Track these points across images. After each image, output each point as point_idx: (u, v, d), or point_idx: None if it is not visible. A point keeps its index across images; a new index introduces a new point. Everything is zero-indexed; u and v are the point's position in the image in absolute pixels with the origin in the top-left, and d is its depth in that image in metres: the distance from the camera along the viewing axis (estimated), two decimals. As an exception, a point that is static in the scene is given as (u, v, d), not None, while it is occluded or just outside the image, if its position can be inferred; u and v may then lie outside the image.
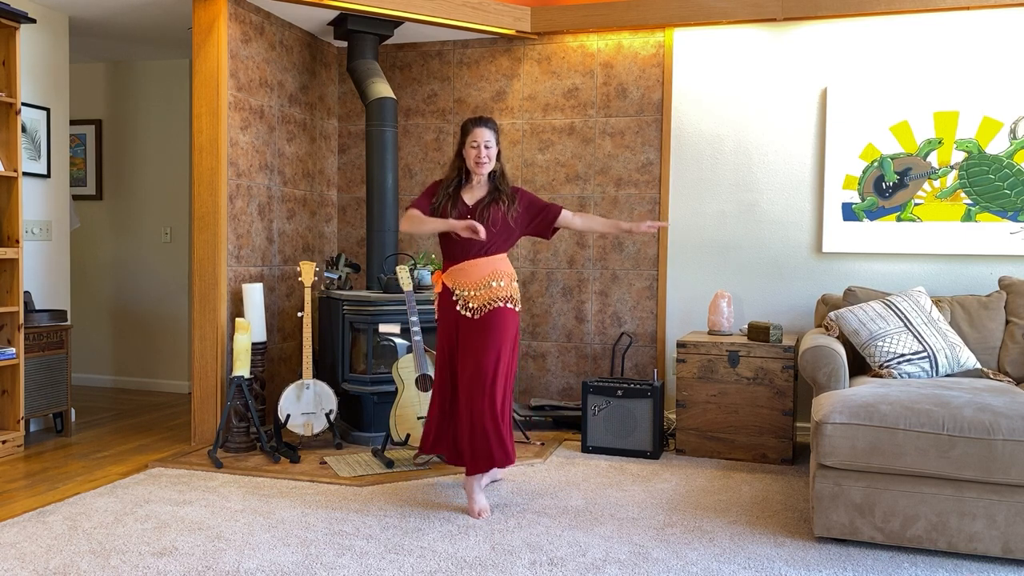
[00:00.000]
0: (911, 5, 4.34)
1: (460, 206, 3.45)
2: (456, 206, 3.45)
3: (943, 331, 3.74)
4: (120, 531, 3.10)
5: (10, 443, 4.24)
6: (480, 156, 3.41)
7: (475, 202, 3.46)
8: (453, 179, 3.49)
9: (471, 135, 3.43)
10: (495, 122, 3.48)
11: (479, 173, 3.45)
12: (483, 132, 3.42)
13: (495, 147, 3.44)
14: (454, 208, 3.44)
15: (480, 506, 3.35)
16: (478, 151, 3.41)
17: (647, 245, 4.92)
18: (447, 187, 3.49)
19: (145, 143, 6.06)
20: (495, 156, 3.45)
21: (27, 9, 4.52)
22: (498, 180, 3.49)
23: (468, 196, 3.48)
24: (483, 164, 3.42)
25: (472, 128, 3.43)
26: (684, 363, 4.32)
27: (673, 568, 2.82)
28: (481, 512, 3.33)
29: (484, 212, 3.43)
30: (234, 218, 4.50)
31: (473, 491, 3.39)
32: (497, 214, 3.43)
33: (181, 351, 6.03)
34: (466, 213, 3.44)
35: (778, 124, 4.69)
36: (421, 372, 4.06)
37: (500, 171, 3.50)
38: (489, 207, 3.44)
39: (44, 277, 4.79)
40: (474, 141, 3.41)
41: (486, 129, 3.42)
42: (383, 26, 4.82)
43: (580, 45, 5.00)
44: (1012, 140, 4.29)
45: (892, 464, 2.94)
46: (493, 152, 3.43)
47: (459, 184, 3.49)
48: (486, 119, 3.46)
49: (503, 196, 3.46)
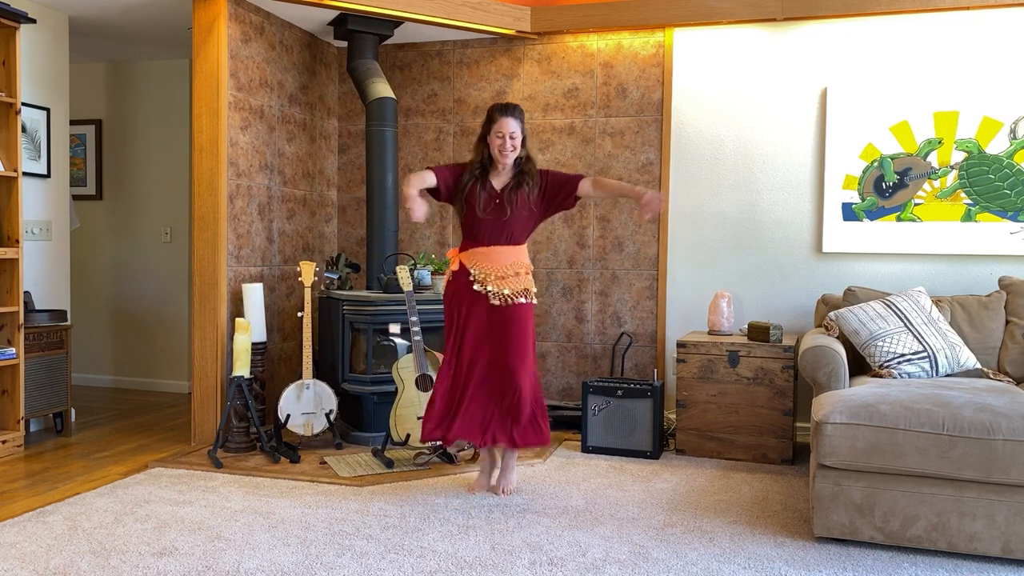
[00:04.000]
0: (911, 5, 4.34)
1: (489, 189, 3.49)
2: (485, 188, 3.49)
3: (943, 331, 3.74)
4: (120, 531, 3.10)
5: (10, 443, 4.24)
6: (505, 147, 3.44)
7: (503, 187, 3.51)
8: (478, 164, 3.52)
9: (497, 124, 3.44)
10: (521, 109, 3.50)
11: (504, 163, 3.48)
12: (509, 123, 3.44)
13: (520, 136, 3.47)
14: (483, 191, 3.49)
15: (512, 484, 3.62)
16: (503, 141, 3.44)
17: (647, 245, 4.92)
18: (473, 169, 3.52)
19: (145, 143, 6.06)
20: (520, 144, 3.48)
21: (27, 9, 4.52)
22: (524, 165, 3.53)
23: (496, 180, 3.52)
24: (507, 154, 3.45)
25: (499, 117, 3.45)
26: (684, 363, 4.31)
27: (673, 568, 2.82)
28: (507, 489, 3.58)
29: (511, 196, 3.48)
30: (234, 218, 4.50)
31: (509, 468, 3.63)
32: (523, 199, 3.49)
33: (181, 351, 6.03)
34: (495, 197, 3.49)
35: (778, 124, 4.69)
36: (421, 372, 4.06)
37: (525, 156, 3.54)
38: (515, 192, 3.49)
39: (44, 277, 4.79)
40: (500, 131, 3.44)
41: (512, 119, 3.44)
42: (383, 26, 4.82)
43: (580, 45, 5.00)
44: (1012, 140, 4.29)
45: (892, 464, 2.94)
46: (518, 141, 3.47)
47: (485, 168, 3.53)
48: (512, 107, 3.47)
49: (527, 180, 3.50)
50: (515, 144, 3.45)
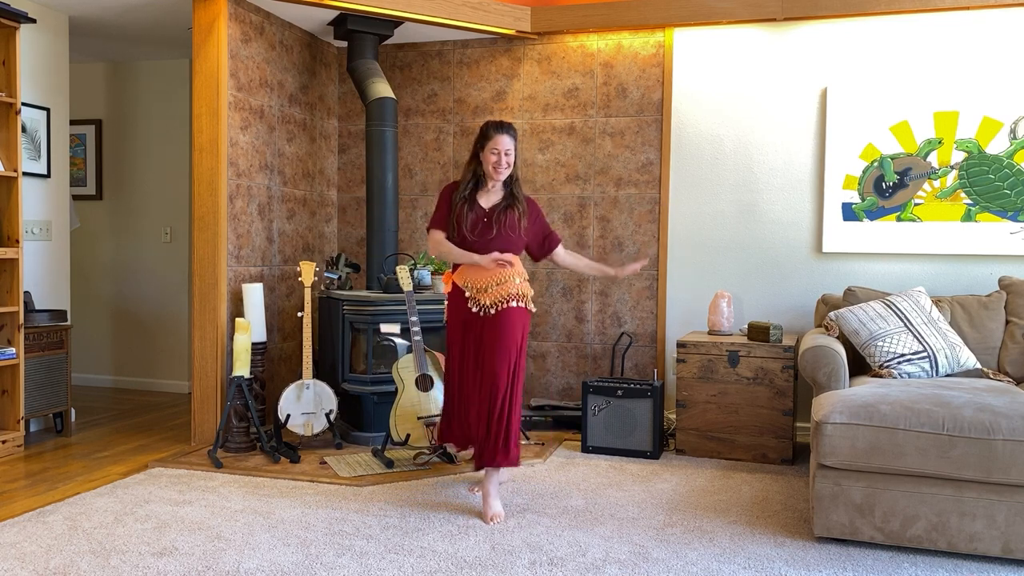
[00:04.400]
0: (911, 5, 4.34)
1: (477, 209, 3.47)
2: (472, 209, 3.47)
3: (943, 331, 3.74)
4: (120, 531, 3.10)
5: (10, 443, 4.24)
6: (500, 164, 3.42)
7: (491, 206, 3.49)
8: (469, 181, 3.50)
9: (492, 141, 3.42)
10: (515, 128, 3.50)
11: (496, 179, 3.47)
12: (505, 140, 3.42)
13: (514, 154, 3.46)
14: (470, 211, 3.46)
15: (494, 511, 3.29)
16: (498, 159, 3.42)
17: (647, 245, 4.92)
18: (463, 189, 3.50)
19: (145, 143, 6.06)
20: (513, 163, 3.47)
21: (27, 9, 4.52)
22: (514, 186, 3.52)
23: (484, 200, 3.50)
24: (501, 171, 3.44)
25: (494, 135, 3.42)
26: (684, 363, 4.31)
27: (673, 568, 2.82)
28: (494, 517, 3.27)
29: (500, 217, 3.46)
30: (234, 218, 4.50)
31: (489, 494, 3.34)
32: (513, 219, 3.47)
33: (181, 351, 6.03)
34: (482, 217, 3.46)
35: (778, 124, 4.69)
36: (421, 372, 4.07)
37: (515, 177, 3.52)
38: (505, 212, 3.47)
39: (44, 277, 4.79)
40: (495, 149, 3.42)
41: (507, 137, 3.43)
42: (383, 26, 4.82)
43: (580, 45, 5.00)
44: (1012, 140, 4.29)
45: (892, 464, 2.94)
46: (512, 159, 3.46)
47: (475, 186, 3.51)
48: (507, 125, 3.45)
49: (518, 203, 3.49)
50: (509, 162, 3.44)
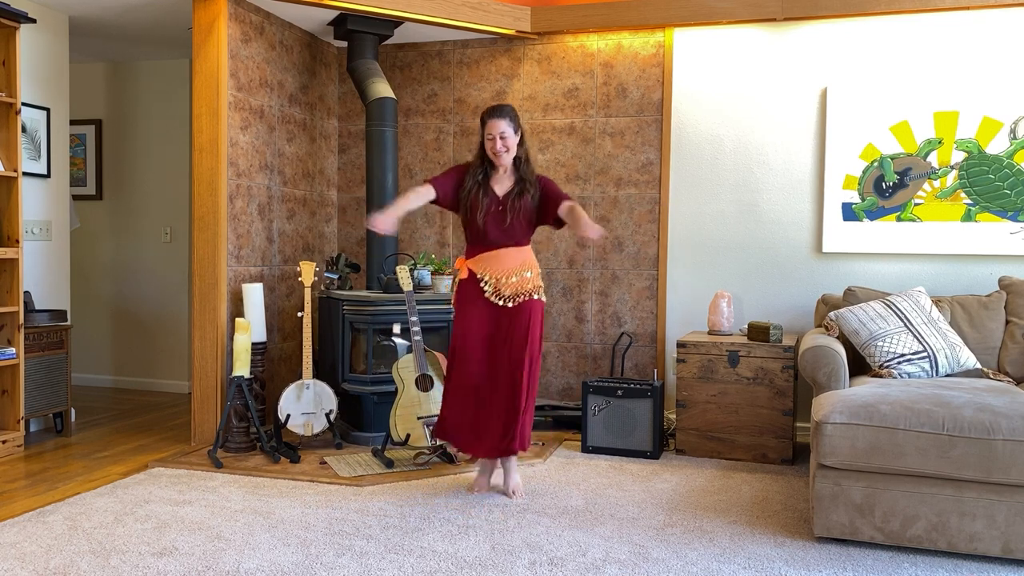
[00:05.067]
0: (911, 5, 4.34)
1: (491, 195, 3.50)
2: (487, 194, 3.50)
3: (943, 331, 3.74)
4: (120, 531, 3.10)
5: (10, 443, 4.24)
6: (496, 147, 3.45)
7: (505, 193, 3.52)
8: (479, 167, 3.53)
9: (486, 127, 3.48)
10: (512, 109, 3.51)
11: (499, 163, 3.50)
12: (498, 124, 3.44)
13: (512, 136, 3.47)
14: (485, 197, 3.50)
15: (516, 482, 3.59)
16: (494, 142, 3.46)
17: (647, 245, 4.92)
18: (475, 175, 3.53)
19: (145, 143, 6.06)
20: (514, 145, 3.48)
21: (27, 9, 4.52)
22: (522, 168, 3.54)
23: (498, 186, 3.53)
24: (500, 154, 3.47)
25: (487, 120, 3.48)
26: (684, 363, 4.31)
27: (673, 568, 2.82)
28: (516, 489, 3.56)
29: (515, 203, 3.49)
30: (234, 218, 4.50)
31: (510, 470, 3.60)
32: (526, 204, 3.50)
33: (181, 351, 6.03)
34: (498, 203, 3.49)
35: (778, 124, 4.69)
36: (421, 372, 4.07)
37: (524, 157, 3.54)
38: (519, 197, 3.50)
39: (44, 277, 4.79)
40: (489, 133, 3.46)
41: (500, 120, 3.45)
42: (383, 26, 4.82)
43: (580, 45, 5.00)
44: (1012, 140, 4.29)
45: (892, 464, 2.94)
46: (511, 141, 3.47)
47: (487, 173, 3.53)
48: (501, 108, 3.48)
49: (528, 185, 3.51)
50: (507, 144, 3.45)
